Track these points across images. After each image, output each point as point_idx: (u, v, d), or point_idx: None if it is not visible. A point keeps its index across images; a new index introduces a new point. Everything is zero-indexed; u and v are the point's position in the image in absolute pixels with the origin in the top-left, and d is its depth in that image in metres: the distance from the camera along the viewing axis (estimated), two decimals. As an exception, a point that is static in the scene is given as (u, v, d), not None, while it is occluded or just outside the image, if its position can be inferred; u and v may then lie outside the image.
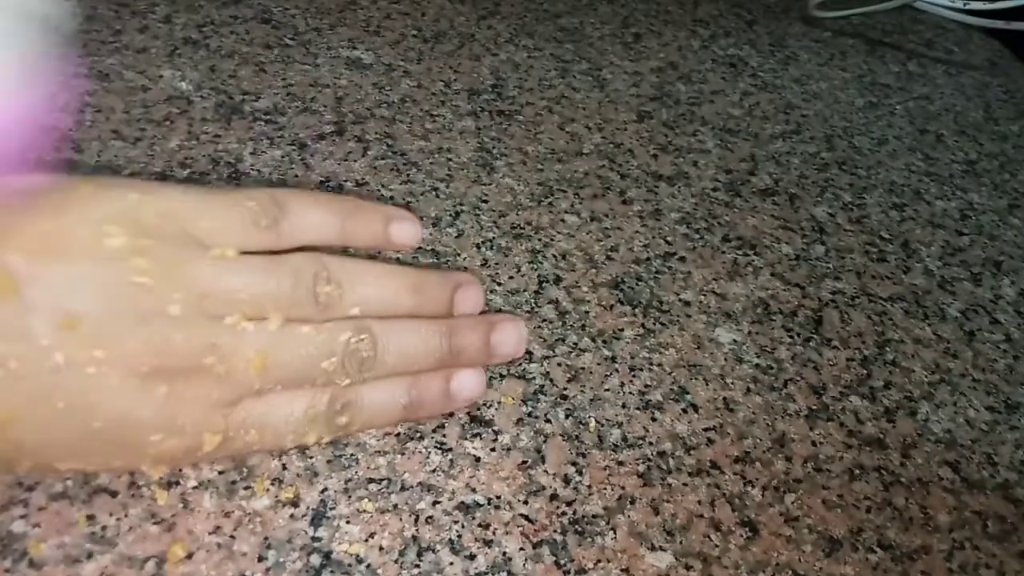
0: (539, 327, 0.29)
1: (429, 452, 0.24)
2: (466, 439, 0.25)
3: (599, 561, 0.22)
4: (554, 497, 0.23)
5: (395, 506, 0.22)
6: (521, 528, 0.23)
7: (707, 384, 0.28)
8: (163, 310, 0.20)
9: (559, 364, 0.28)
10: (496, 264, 0.31)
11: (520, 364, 0.27)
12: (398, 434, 0.24)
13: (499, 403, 0.26)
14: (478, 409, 0.25)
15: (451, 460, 0.24)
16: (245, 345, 0.21)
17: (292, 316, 0.21)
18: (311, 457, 0.23)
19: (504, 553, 0.22)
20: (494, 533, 0.22)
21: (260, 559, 0.20)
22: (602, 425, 0.26)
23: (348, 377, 0.22)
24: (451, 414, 0.25)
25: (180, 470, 0.22)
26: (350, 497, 0.22)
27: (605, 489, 0.24)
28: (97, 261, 0.19)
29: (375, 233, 0.26)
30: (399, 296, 0.24)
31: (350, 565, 0.21)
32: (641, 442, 0.26)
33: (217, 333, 0.20)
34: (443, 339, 0.24)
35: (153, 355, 0.19)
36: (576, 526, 0.23)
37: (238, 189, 0.23)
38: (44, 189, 0.20)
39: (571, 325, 0.29)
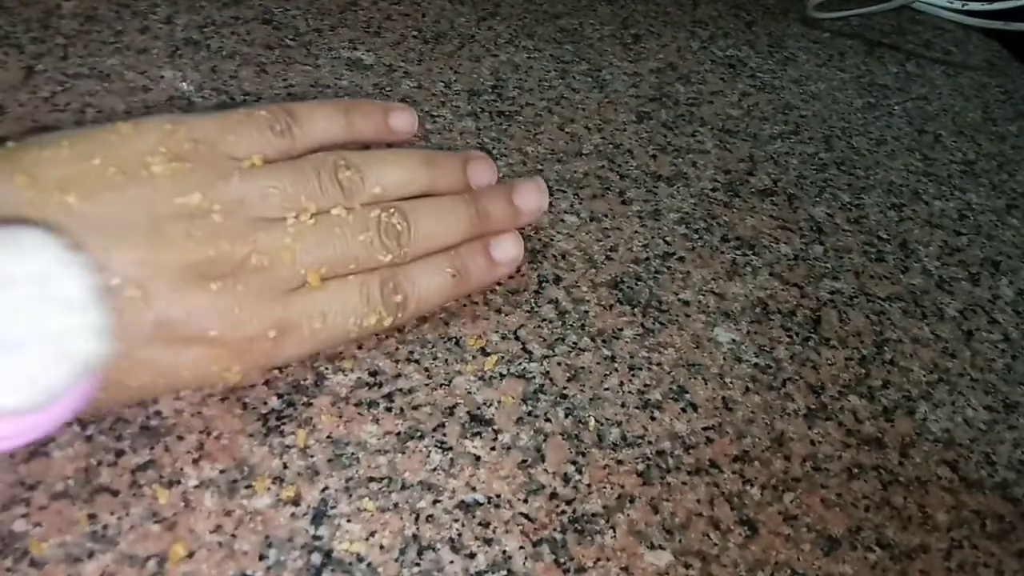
0: (539, 327, 0.29)
1: (429, 451, 0.24)
2: (466, 438, 0.25)
3: (599, 559, 0.22)
4: (554, 496, 0.24)
5: (395, 505, 0.22)
6: (521, 527, 0.23)
7: (706, 383, 0.28)
8: (205, 222, 0.22)
9: (559, 363, 0.28)
10: (496, 264, 0.31)
11: (520, 363, 0.27)
12: (398, 433, 0.24)
13: (499, 402, 0.26)
14: (478, 408, 0.26)
15: (451, 459, 0.24)
16: (283, 235, 0.23)
17: (322, 205, 0.24)
18: (312, 456, 0.23)
19: (504, 552, 0.22)
20: (494, 532, 0.22)
21: (261, 558, 0.21)
22: (601, 424, 0.26)
23: (389, 252, 0.24)
24: (451, 412, 0.25)
25: (181, 468, 0.22)
26: (351, 496, 0.22)
27: (604, 488, 0.24)
28: (144, 188, 0.21)
29: (376, 124, 0.28)
30: (415, 171, 0.26)
31: (351, 564, 0.21)
32: (640, 441, 0.26)
33: (255, 230, 0.22)
34: (468, 205, 0.26)
35: (203, 261, 0.21)
36: (576, 525, 0.23)
37: (252, 106, 0.25)
38: (86, 134, 0.22)
39: (571, 325, 0.29)
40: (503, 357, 0.27)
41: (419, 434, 0.24)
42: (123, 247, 0.20)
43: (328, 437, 0.24)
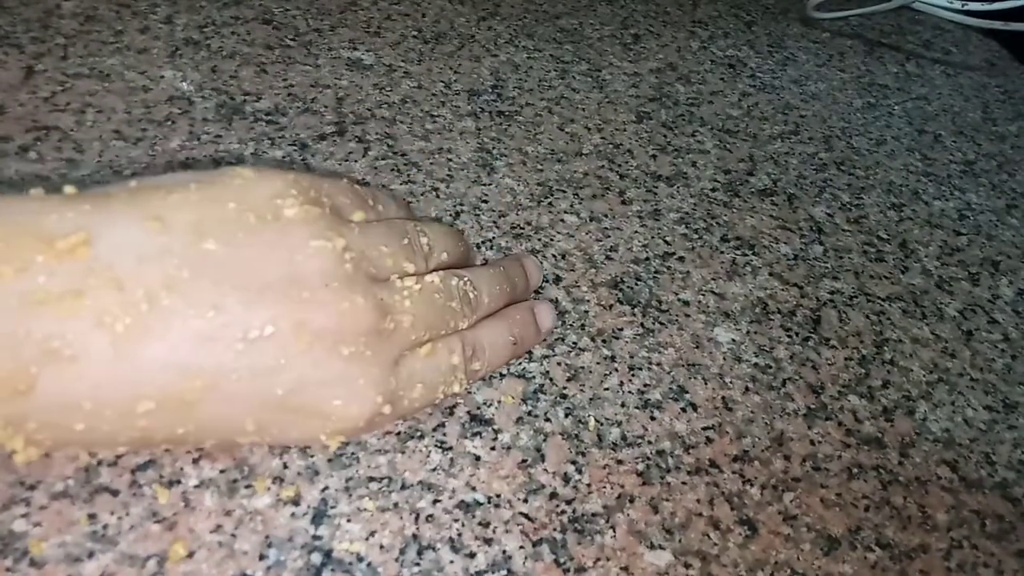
0: (539, 327, 0.29)
1: (429, 451, 0.24)
2: (466, 438, 0.25)
3: (598, 559, 0.22)
4: (554, 496, 0.24)
5: (395, 504, 0.22)
6: (521, 526, 0.23)
7: (706, 383, 0.28)
8: (341, 270, 0.21)
9: (559, 363, 0.28)
10: (496, 264, 0.31)
11: (520, 363, 0.27)
12: (398, 433, 0.24)
13: (499, 402, 0.26)
14: (478, 408, 0.26)
15: (451, 459, 0.24)
16: (401, 298, 0.22)
17: (416, 269, 0.24)
18: (312, 456, 0.23)
19: (504, 551, 0.22)
20: (494, 531, 0.22)
21: (261, 557, 0.21)
22: (601, 424, 0.26)
23: (466, 319, 0.24)
24: (451, 412, 0.25)
25: (181, 468, 0.22)
26: (351, 495, 0.22)
27: (604, 488, 0.24)
28: (279, 232, 0.21)
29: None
30: (458, 241, 0.27)
31: (351, 563, 0.21)
32: (640, 441, 0.26)
33: (378, 289, 0.22)
34: (504, 274, 0.27)
35: (338, 318, 0.20)
36: (576, 524, 0.23)
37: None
38: (210, 178, 0.21)
39: (571, 324, 0.29)
40: (503, 357, 0.27)
41: (419, 434, 0.24)
42: (263, 301, 0.20)
43: (328, 437, 0.24)
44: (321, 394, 0.21)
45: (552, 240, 0.33)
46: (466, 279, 0.25)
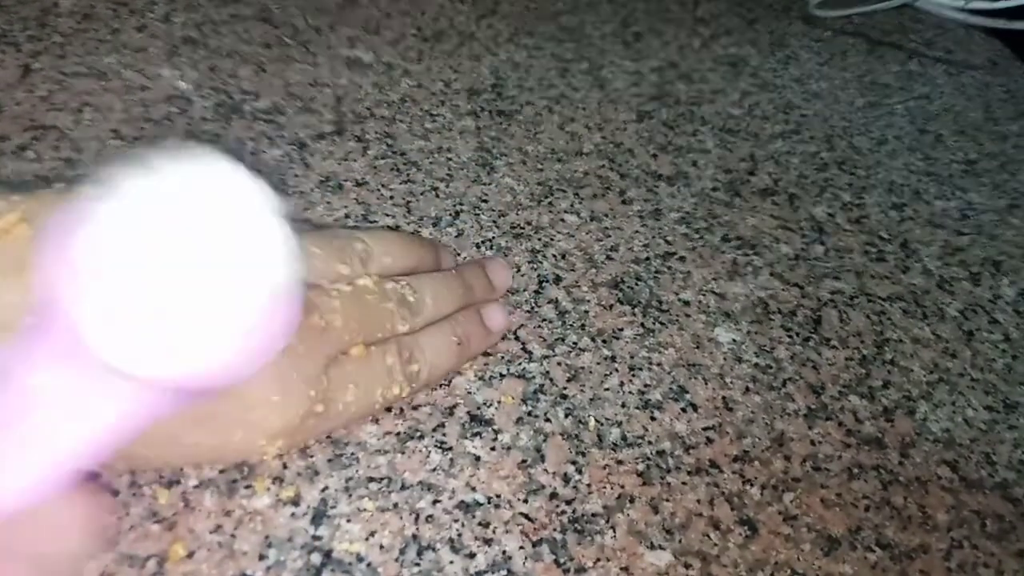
0: (539, 327, 0.29)
1: (429, 451, 0.24)
2: (466, 438, 0.25)
3: (599, 560, 0.22)
4: (554, 496, 0.24)
5: (395, 505, 0.22)
6: (521, 527, 0.23)
7: (706, 383, 0.28)
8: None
9: (559, 363, 0.28)
10: (496, 263, 0.31)
11: (520, 363, 0.27)
12: (398, 433, 0.24)
13: (499, 402, 0.26)
14: (478, 408, 0.26)
15: (451, 459, 0.24)
16: (330, 298, 0.23)
17: (352, 272, 0.24)
18: (311, 456, 0.23)
19: (504, 552, 0.22)
20: (494, 532, 0.22)
21: (261, 558, 0.21)
22: (601, 424, 0.26)
23: (405, 322, 0.25)
24: (451, 413, 0.25)
25: (181, 469, 0.22)
26: (350, 496, 0.22)
27: (604, 488, 0.24)
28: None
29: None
30: (411, 247, 0.27)
31: (350, 564, 0.21)
32: (640, 441, 0.26)
33: (307, 290, 0.22)
34: (455, 278, 0.27)
35: None
36: (576, 525, 0.23)
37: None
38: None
39: (571, 324, 0.29)
40: (503, 357, 0.27)
41: (419, 434, 0.24)
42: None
43: (328, 437, 0.24)
44: (257, 388, 0.20)
45: (552, 240, 0.33)
46: (404, 283, 0.25)
